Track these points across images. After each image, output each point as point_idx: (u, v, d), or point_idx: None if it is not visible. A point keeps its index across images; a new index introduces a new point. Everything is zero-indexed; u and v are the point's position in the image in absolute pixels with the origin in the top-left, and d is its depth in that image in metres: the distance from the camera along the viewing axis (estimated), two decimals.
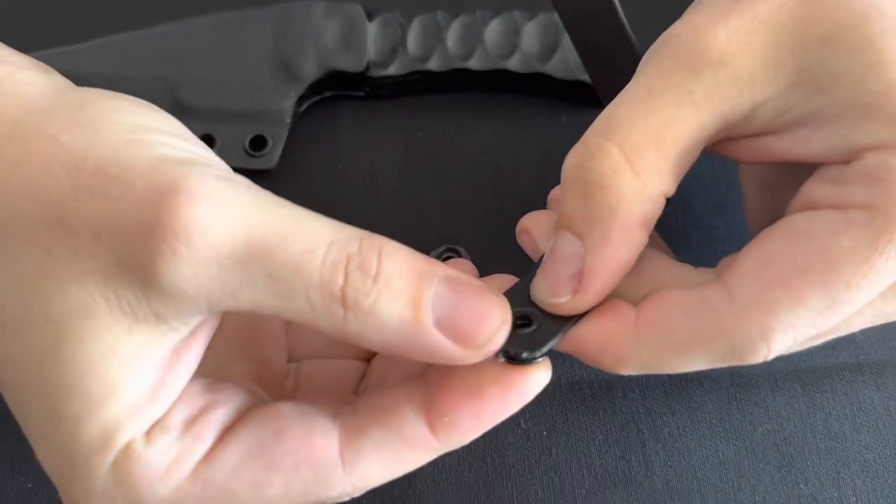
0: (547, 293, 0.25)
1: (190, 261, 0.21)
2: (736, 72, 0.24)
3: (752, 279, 0.24)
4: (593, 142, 0.24)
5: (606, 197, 0.24)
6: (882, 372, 0.33)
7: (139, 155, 0.22)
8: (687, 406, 0.32)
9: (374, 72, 0.37)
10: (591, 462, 0.31)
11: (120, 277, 0.21)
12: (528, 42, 0.38)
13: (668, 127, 0.24)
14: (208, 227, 0.21)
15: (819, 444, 0.32)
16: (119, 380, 0.22)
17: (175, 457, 0.23)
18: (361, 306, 0.22)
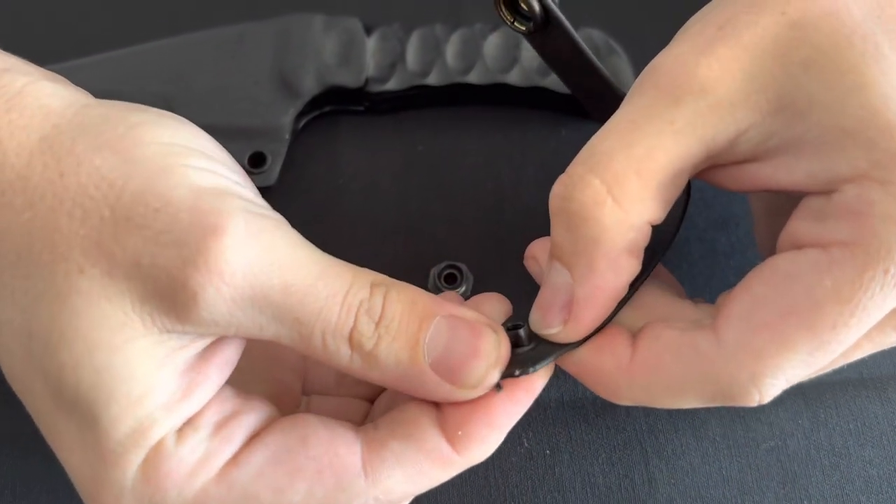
0: (539, 323, 0.26)
1: (228, 298, 0.22)
2: (717, 99, 0.23)
3: (737, 324, 0.24)
4: (576, 173, 0.24)
5: (589, 228, 0.24)
6: (886, 387, 0.33)
7: (178, 186, 0.22)
8: (690, 423, 0.32)
9: (373, 87, 0.37)
10: (595, 481, 0.31)
11: (156, 303, 0.22)
12: (528, 56, 0.38)
13: (650, 156, 0.24)
14: (251, 269, 0.22)
15: (823, 460, 0.32)
16: (153, 380, 0.22)
17: (203, 456, 0.23)
18: (364, 348, 0.24)
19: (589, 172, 0.24)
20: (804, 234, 0.24)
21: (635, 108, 0.24)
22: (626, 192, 0.23)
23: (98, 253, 0.22)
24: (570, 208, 0.24)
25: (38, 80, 0.24)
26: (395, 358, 0.24)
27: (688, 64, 0.24)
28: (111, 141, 0.23)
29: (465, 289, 0.34)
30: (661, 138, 0.24)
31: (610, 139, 0.24)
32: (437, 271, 0.34)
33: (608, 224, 0.24)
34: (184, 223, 0.22)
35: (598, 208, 0.23)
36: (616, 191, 0.23)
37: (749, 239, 0.35)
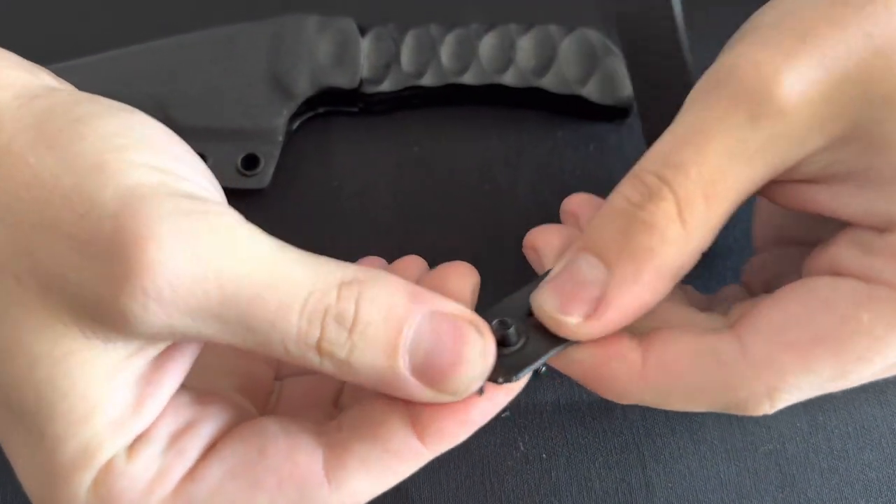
0: (555, 309, 0.24)
1: (161, 314, 0.20)
2: (794, 125, 0.23)
3: (767, 340, 0.24)
4: (651, 182, 0.23)
5: (651, 240, 0.23)
6: (885, 390, 0.33)
7: (106, 186, 0.21)
8: (688, 426, 0.32)
9: (368, 88, 0.37)
10: (592, 485, 0.31)
11: (90, 317, 0.21)
12: (523, 56, 0.37)
13: (720, 180, 0.23)
14: (180, 282, 0.20)
15: (821, 463, 0.32)
16: (99, 396, 0.21)
17: (158, 472, 0.22)
18: (336, 356, 0.22)
19: (664, 186, 0.23)
20: (849, 264, 0.24)
21: (708, 117, 0.23)
22: (694, 216, 0.23)
23: (31, 263, 0.20)
24: (637, 215, 0.23)
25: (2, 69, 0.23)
26: (372, 364, 0.22)
27: (768, 80, 0.23)
28: (50, 137, 0.21)
29: None
30: (733, 162, 0.23)
31: (684, 148, 0.23)
32: None
33: (670, 242, 0.23)
34: (107, 233, 0.20)
35: (667, 224, 0.23)
36: (685, 212, 0.23)
37: (746, 240, 0.35)
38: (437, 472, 0.31)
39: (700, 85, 0.24)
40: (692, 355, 0.24)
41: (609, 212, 0.24)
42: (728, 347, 0.24)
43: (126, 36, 0.38)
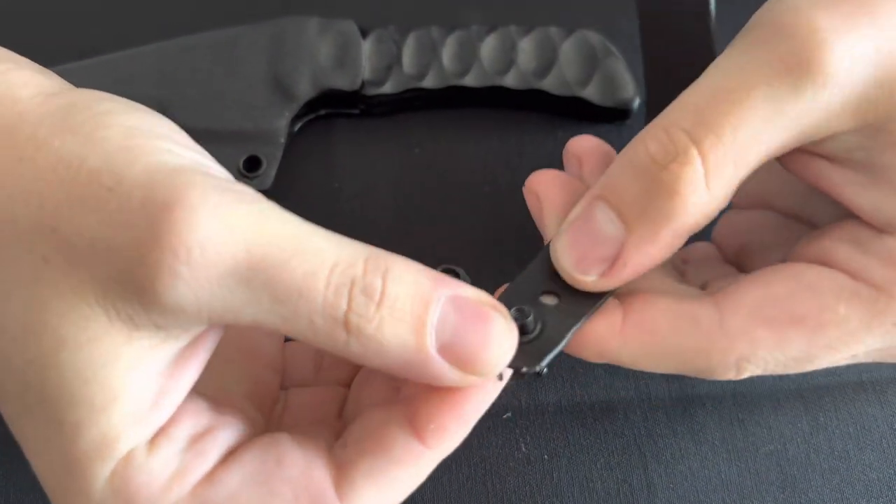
0: (573, 266, 0.25)
1: (190, 280, 0.20)
2: (833, 98, 0.22)
3: (747, 313, 0.24)
4: (679, 139, 0.23)
5: (673, 203, 0.23)
6: (885, 389, 0.33)
7: (135, 163, 0.21)
8: (689, 427, 0.32)
9: (369, 90, 0.37)
10: (594, 486, 0.31)
11: (117, 291, 0.20)
12: (524, 58, 0.38)
13: (753, 144, 0.23)
14: (209, 245, 0.20)
15: (822, 463, 0.32)
16: (121, 386, 0.21)
17: (177, 471, 0.22)
18: (364, 332, 0.21)
19: (692, 146, 0.23)
20: (840, 257, 0.25)
21: (753, 76, 0.23)
22: (720, 180, 0.23)
23: (57, 241, 0.20)
24: (660, 176, 0.23)
25: (15, 69, 0.23)
26: (401, 342, 0.21)
27: (822, 45, 0.22)
28: (74, 125, 0.21)
29: None
30: (767, 126, 0.22)
31: (720, 106, 0.23)
32: None
33: (691, 205, 0.23)
34: (136, 201, 0.20)
35: (691, 189, 0.23)
36: (712, 177, 0.23)
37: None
38: (440, 474, 0.31)
39: (748, 32, 0.23)
40: (672, 317, 0.25)
41: (631, 166, 0.24)
42: (706, 314, 0.25)
43: (128, 38, 0.38)
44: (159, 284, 0.20)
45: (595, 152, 0.29)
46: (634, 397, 0.32)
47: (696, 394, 0.32)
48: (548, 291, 0.26)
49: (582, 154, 0.29)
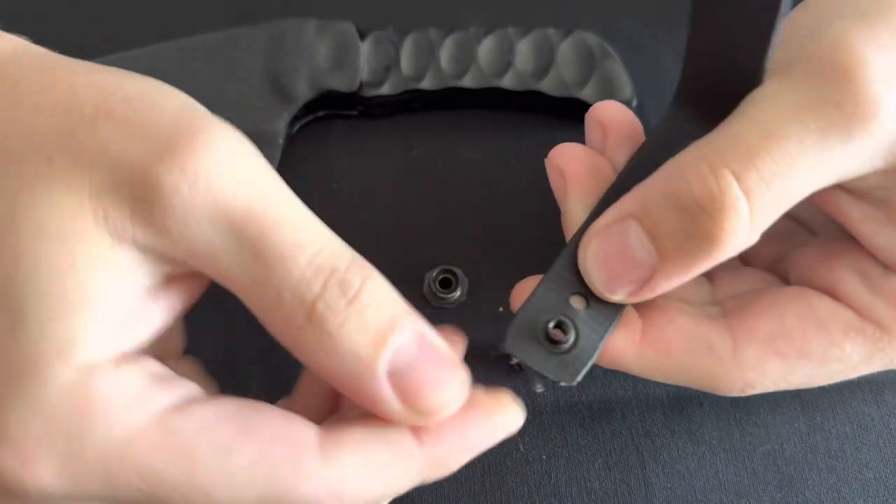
0: (603, 285, 0.25)
1: (186, 203, 0.20)
2: (877, 144, 0.22)
3: (759, 346, 0.26)
4: (727, 186, 0.22)
5: (712, 247, 0.23)
6: (882, 390, 0.33)
7: (173, 97, 0.21)
8: (687, 427, 0.32)
9: (368, 91, 0.37)
10: (591, 486, 0.31)
11: (113, 197, 0.20)
12: (522, 60, 0.38)
13: (797, 189, 0.23)
14: (216, 176, 0.20)
15: (819, 463, 0.32)
16: (96, 289, 0.20)
17: (142, 392, 0.20)
18: (325, 324, 0.20)
19: (741, 196, 0.22)
20: (850, 291, 0.26)
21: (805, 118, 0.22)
22: (761, 224, 0.23)
23: (69, 143, 0.20)
24: (704, 223, 0.22)
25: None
26: (355, 350, 0.20)
27: (877, 97, 0.22)
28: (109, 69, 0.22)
29: (461, 293, 0.34)
30: (814, 171, 0.22)
31: (771, 150, 0.22)
32: (432, 276, 0.34)
33: (730, 248, 0.23)
34: (163, 122, 0.20)
35: (732, 236, 0.22)
36: (754, 223, 0.22)
37: None
38: None
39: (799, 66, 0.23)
40: (687, 340, 0.26)
41: (673, 201, 0.23)
42: (720, 341, 0.26)
43: (126, 40, 0.38)
44: (157, 196, 0.19)
45: (621, 123, 0.28)
46: (632, 397, 0.32)
47: (693, 394, 0.32)
48: (576, 292, 0.26)
49: (606, 122, 0.28)
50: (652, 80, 0.39)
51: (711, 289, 0.29)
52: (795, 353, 0.26)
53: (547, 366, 0.25)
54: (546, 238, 0.34)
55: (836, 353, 0.26)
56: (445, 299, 0.34)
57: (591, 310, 0.26)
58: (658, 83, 0.39)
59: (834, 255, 0.27)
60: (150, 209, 0.20)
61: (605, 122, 0.28)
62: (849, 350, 0.26)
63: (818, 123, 0.22)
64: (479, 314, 0.34)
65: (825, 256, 0.27)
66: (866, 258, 0.26)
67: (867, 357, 0.26)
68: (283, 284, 0.20)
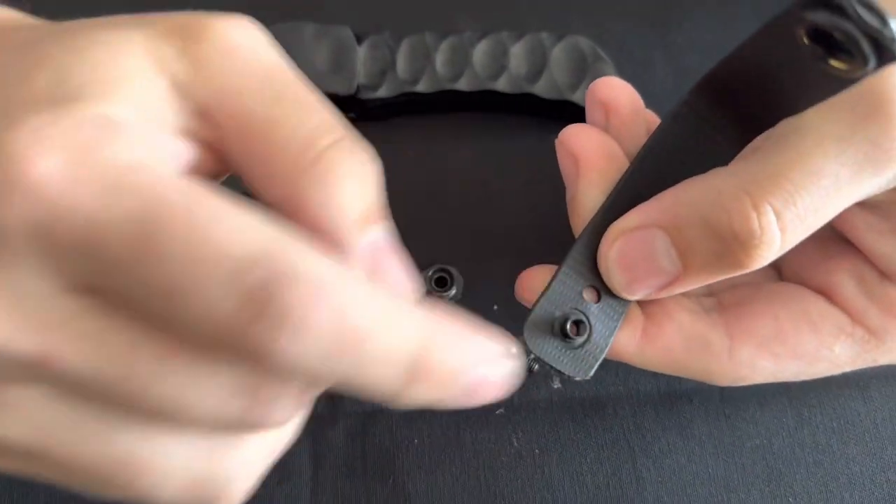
0: (624, 288, 0.26)
1: (233, 42, 0.20)
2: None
3: (755, 346, 0.27)
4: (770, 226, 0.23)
5: (739, 269, 0.24)
6: (868, 385, 0.34)
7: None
8: (677, 422, 0.33)
9: (364, 94, 0.38)
10: (584, 479, 0.32)
11: (166, 36, 0.19)
12: (516, 63, 0.38)
13: (825, 220, 0.23)
14: (258, 33, 0.20)
15: (807, 457, 0.32)
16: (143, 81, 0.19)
17: (178, 159, 0.20)
18: (333, 169, 0.19)
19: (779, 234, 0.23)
20: (845, 295, 0.27)
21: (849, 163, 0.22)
22: (789, 247, 0.23)
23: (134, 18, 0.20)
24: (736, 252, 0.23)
25: None
26: (351, 203, 0.20)
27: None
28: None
29: (456, 292, 0.35)
30: (842, 205, 0.23)
31: (811, 194, 0.22)
32: (427, 275, 0.35)
33: (756, 268, 0.24)
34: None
35: (761, 263, 0.23)
36: (785, 246, 0.23)
37: None
38: (432, 468, 0.31)
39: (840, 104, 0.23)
40: (686, 338, 0.27)
41: (708, 226, 0.23)
42: (718, 339, 0.27)
43: None
44: (207, 36, 0.19)
45: (623, 102, 0.28)
46: (623, 393, 0.33)
47: (683, 390, 0.33)
48: (589, 285, 0.26)
49: (609, 102, 0.28)
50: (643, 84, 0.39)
51: None
52: (788, 354, 0.27)
53: (562, 361, 0.25)
54: (539, 237, 0.35)
55: (826, 353, 0.27)
56: (441, 298, 0.34)
57: (602, 304, 0.26)
58: (650, 86, 0.39)
59: (831, 257, 0.28)
60: (198, 42, 0.19)
61: (609, 103, 0.27)
62: (838, 351, 0.27)
63: (856, 159, 0.22)
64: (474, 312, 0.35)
65: (823, 257, 0.28)
66: (864, 263, 0.27)
67: (853, 357, 0.27)
68: (300, 125, 0.20)
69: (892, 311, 0.26)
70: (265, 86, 0.20)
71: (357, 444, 0.32)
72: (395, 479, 0.31)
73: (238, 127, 0.20)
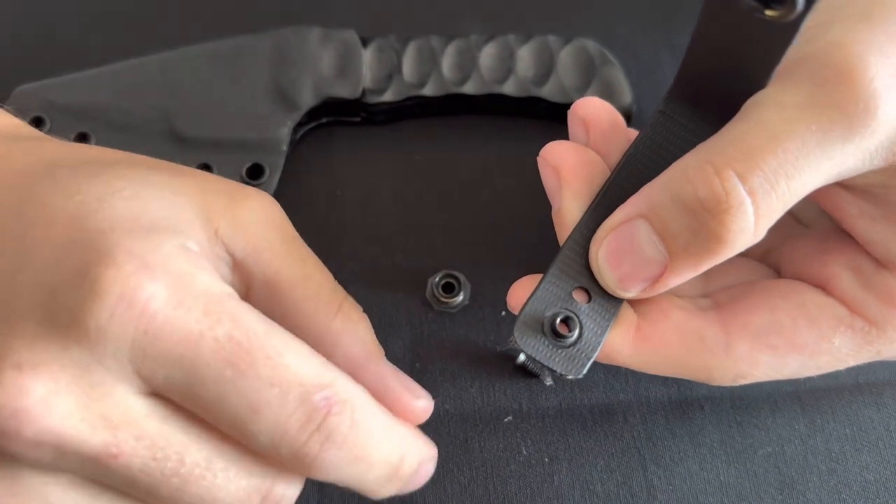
0: (616, 284, 0.25)
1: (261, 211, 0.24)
2: (876, 143, 0.23)
3: (751, 339, 0.26)
4: (732, 188, 0.22)
5: (720, 247, 0.23)
6: (882, 392, 0.33)
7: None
8: (688, 430, 0.32)
9: (370, 98, 0.37)
10: (594, 488, 0.31)
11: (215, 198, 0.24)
12: (523, 66, 0.38)
13: (800, 189, 0.23)
14: (278, 209, 0.25)
15: (820, 465, 0.32)
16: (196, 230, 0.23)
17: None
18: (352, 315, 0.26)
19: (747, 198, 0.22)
20: (842, 287, 0.27)
21: (808, 120, 0.22)
22: (767, 223, 0.23)
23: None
24: (710, 224, 0.23)
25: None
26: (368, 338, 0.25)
27: (876, 95, 0.22)
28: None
29: (463, 297, 0.34)
30: (817, 171, 0.23)
31: (776, 153, 0.22)
32: (435, 281, 0.34)
33: (737, 248, 0.23)
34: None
35: (738, 237, 0.23)
36: (760, 224, 0.23)
37: None
38: (441, 477, 0.31)
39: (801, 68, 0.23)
40: (681, 335, 0.26)
41: (679, 202, 0.23)
42: (713, 335, 0.26)
43: (132, 48, 0.39)
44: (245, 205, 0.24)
45: (603, 118, 0.28)
46: (634, 400, 0.33)
47: (694, 397, 0.33)
48: (579, 287, 0.26)
49: (588, 118, 0.28)
50: (651, 86, 0.39)
51: (704, 280, 0.29)
52: (786, 346, 0.26)
53: (554, 359, 0.25)
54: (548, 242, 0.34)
55: (826, 346, 0.26)
56: (448, 304, 0.34)
57: (593, 304, 0.26)
58: (658, 89, 0.39)
59: (828, 250, 0.27)
60: (240, 206, 0.24)
61: (588, 119, 0.28)
62: (838, 343, 0.26)
63: (819, 124, 0.22)
64: (481, 318, 0.34)
65: (819, 251, 0.28)
66: (860, 254, 0.27)
67: (855, 350, 0.26)
68: (324, 281, 0.25)
69: (891, 300, 0.26)
70: (291, 250, 0.24)
71: None
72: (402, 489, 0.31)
73: (266, 279, 0.24)
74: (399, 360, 0.33)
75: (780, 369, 0.27)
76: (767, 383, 0.33)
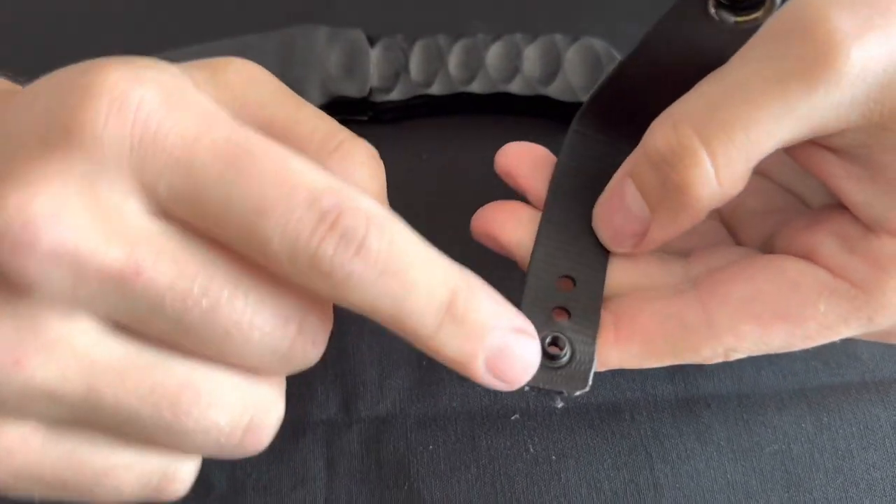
0: (611, 243, 0.27)
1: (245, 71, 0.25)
2: (844, 97, 0.23)
3: (733, 310, 0.26)
4: (686, 138, 0.23)
5: (686, 198, 0.24)
6: (888, 390, 0.33)
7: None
8: (695, 428, 0.32)
9: (377, 97, 0.38)
10: (601, 486, 0.31)
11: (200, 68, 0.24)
12: (530, 65, 0.38)
13: (763, 140, 0.23)
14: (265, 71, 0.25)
15: (827, 463, 0.32)
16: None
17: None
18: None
19: (702, 147, 0.23)
20: (826, 253, 0.26)
21: (767, 71, 0.23)
22: (731, 173, 0.24)
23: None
24: (671, 176, 0.24)
25: None
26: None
27: (838, 45, 0.22)
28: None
29: None
30: (779, 124, 0.23)
31: (732, 103, 0.23)
32: None
33: (704, 199, 0.24)
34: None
35: (701, 186, 0.24)
36: (722, 174, 0.23)
37: None
38: (448, 475, 0.31)
39: (767, 27, 0.24)
40: (661, 322, 0.26)
41: (647, 157, 0.25)
42: (693, 314, 0.26)
43: (137, 48, 0.39)
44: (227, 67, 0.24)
45: (526, 161, 0.30)
46: (640, 398, 0.33)
47: (700, 395, 0.33)
48: (556, 307, 0.27)
49: (512, 169, 0.31)
50: None
51: (686, 266, 0.29)
52: (770, 315, 0.26)
53: (556, 382, 0.25)
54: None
55: (811, 312, 0.26)
56: None
57: (574, 318, 0.27)
58: None
59: (817, 222, 0.27)
60: (223, 72, 0.24)
61: (508, 170, 0.31)
62: (823, 309, 0.25)
63: (779, 74, 0.23)
64: None
65: (808, 224, 0.27)
66: (848, 221, 0.26)
67: (843, 317, 0.25)
68: (320, 124, 0.25)
69: (878, 262, 0.25)
70: (282, 99, 0.24)
71: (371, 450, 0.32)
72: (410, 485, 0.31)
73: (262, 130, 0.22)
74: (406, 357, 0.34)
75: (767, 340, 0.26)
76: (773, 380, 0.33)
